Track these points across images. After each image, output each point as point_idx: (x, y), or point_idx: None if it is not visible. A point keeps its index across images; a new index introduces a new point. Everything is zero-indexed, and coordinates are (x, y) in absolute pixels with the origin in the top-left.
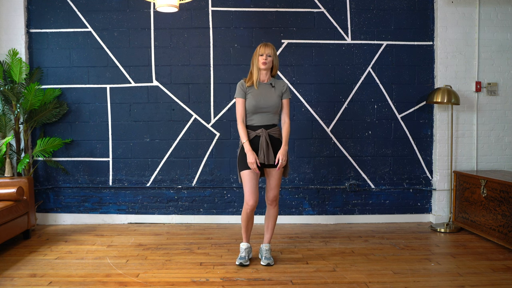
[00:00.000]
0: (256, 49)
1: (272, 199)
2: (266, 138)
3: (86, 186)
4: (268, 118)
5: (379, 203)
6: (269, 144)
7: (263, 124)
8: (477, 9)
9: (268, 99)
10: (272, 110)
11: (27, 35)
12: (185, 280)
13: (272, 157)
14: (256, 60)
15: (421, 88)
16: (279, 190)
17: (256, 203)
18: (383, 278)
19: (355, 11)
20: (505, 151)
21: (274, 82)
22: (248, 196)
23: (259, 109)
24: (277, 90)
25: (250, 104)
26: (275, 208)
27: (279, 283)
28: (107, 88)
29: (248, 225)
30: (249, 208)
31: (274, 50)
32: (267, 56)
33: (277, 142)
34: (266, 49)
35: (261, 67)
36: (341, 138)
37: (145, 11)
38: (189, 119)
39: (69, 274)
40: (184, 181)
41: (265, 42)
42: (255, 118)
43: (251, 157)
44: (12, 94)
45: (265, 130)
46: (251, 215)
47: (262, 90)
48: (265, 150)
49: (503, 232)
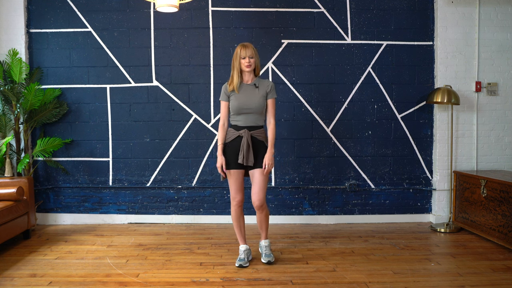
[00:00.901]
0: (236, 51)
1: (257, 204)
2: (248, 140)
3: (86, 186)
4: (252, 119)
5: (379, 203)
6: (250, 146)
7: (248, 125)
8: (477, 9)
9: (251, 100)
10: (256, 111)
11: (27, 35)
12: (185, 280)
13: (251, 158)
14: (237, 63)
15: (421, 88)
16: (264, 193)
17: (243, 198)
18: (383, 278)
19: (355, 11)
20: (505, 151)
21: (258, 82)
22: (234, 193)
23: (242, 110)
24: (261, 90)
25: (234, 105)
26: (262, 213)
27: (279, 283)
28: (107, 88)
29: (240, 223)
30: (236, 204)
31: (254, 50)
32: (249, 58)
33: (260, 145)
34: (247, 51)
35: (245, 70)
36: (341, 138)
37: (145, 11)
38: (189, 119)
39: (69, 274)
40: (184, 181)
41: (243, 43)
42: (240, 119)
43: (219, 161)
44: (12, 94)
45: (248, 131)
46: (240, 211)
47: (245, 91)
48: (245, 151)
49: (503, 232)
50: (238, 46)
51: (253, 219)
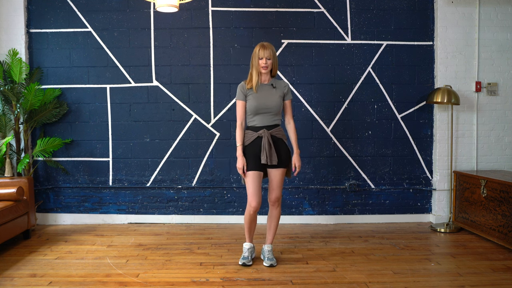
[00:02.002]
0: (255, 50)
1: (274, 200)
2: (269, 139)
3: (86, 186)
4: (269, 118)
5: (379, 203)
6: (271, 145)
7: (265, 124)
8: (477, 9)
9: (269, 100)
10: (273, 111)
11: (27, 35)
12: (185, 280)
13: (274, 157)
14: (255, 62)
15: (421, 88)
16: (281, 191)
17: (259, 204)
18: (383, 278)
19: (355, 11)
20: (505, 151)
21: (275, 82)
22: (251, 198)
23: (260, 110)
24: (279, 91)
25: (251, 105)
26: (277, 209)
27: (279, 283)
28: (107, 88)
29: (251, 226)
30: (252, 210)
31: (273, 51)
32: (267, 59)
33: (279, 142)
34: (265, 52)
35: (262, 71)
36: (341, 138)
37: (145, 11)
38: (189, 119)
39: (69, 274)
40: (184, 181)
41: (263, 43)
42: (256, 119)
43: (240, 162)
44: (12, 94)
45: (267, 130)
46: (254, 216)
47: (263, 91)
48: (268, 150)
49: (503, 232)
50: (257, 45)
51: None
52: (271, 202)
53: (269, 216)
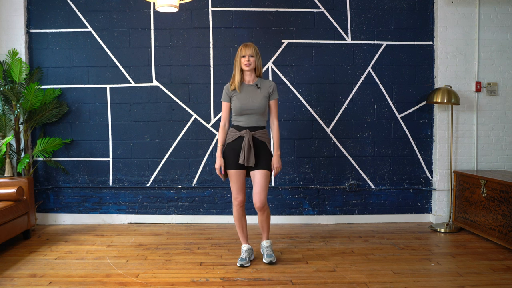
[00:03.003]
0: (238, 50)
1: (259, 205)
2: (249, 140)
3: (86, 186)
4: (254, 119)
5: (379, 203)
6: (251, 146)
7: (249, 125)
8: (477, 9)
9: (253, 101)
10: (258, 112)
11: (27, 35)
12: (185, 280)
13: (252, 159)
14: (238, 62)
15: (421, 88)
16: (265, 194)
17: (244, 198)
18: (383, 278)
19: (355, 11)
20: (505, 151)
21: (260, 82)
22: (236, 193)
23: (244, 111)
24: (263, 91)
25: (236, 106)
26: (264, 213)
27: (279, 283)
28: (107, 88)
29: (242, 223)
30: (238, 204)
31: (256, 49)
32: (249, 56)
33: (261, 145)
34: (247, 50)
35: (245, 69)
36: (341, 138)
37: (145, 11)
38: (189, 119)
39: (69, 274)
40: (184, 181)
41: (245, 43)
42: (242, 120)
43: (217, 163)
44: (12, 94)
45: (250, 131)
46: (241, 211)
47: (247, 92)
48: (246, 152)
49: (503, 232)
50: (240, 45)
51: (254, 219)
52: (256, 208)
53: (258, 220)
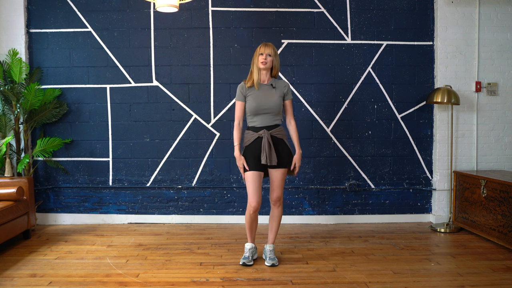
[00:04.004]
0: (257, 49)
1: (275, 199)
2: (269, 139)
3: (86, 186)
4: (270, 119)
5: (379, 203)
6: (271, 145)
7: (265, 125)
8: (477, 9)
9: (269, 100)
10: (273, 111)
11: (27, 35)
12: (185, 280)
13: (274, 158)
14: (256, 60)
15: (421, 88)
16: (282, 190)
17: (259, 204)
18: (383, 278)
19: (355, 11)
20: (505, 151)
21: (275, 82)
22: (251, 198)
23: (260, 110)
24: (278, 91)
25: (251, 105)
26: (279, 208)
27: (279, 283)
28: (107, 88)
29: (252, 226)
30: (252, 210)
31: (274, 50)
32: (267, 55)
33: (280, 143)
34: (266, 48)
35: (260, 67)
36: (341, 138)
37: (145, 11)
38: (189, 119)
39: (69, 274)
40: (184, 181)
41: (265, 42)
42: (257, 120)
43: (239, 162)
44: (12, 94)
45: (267, 131)
46: (254, 216)
47: (262, 91)
48: (268, 151)
49: (503, 232)
50: (261, 44)
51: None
52: (272, 201)
53: (270, 215)
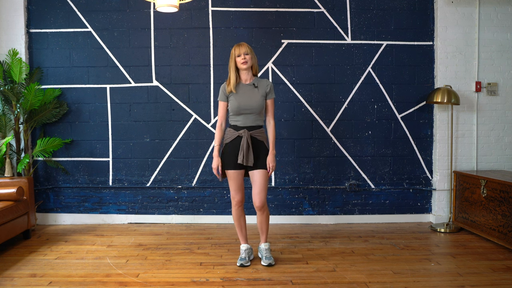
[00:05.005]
0: (231, 52)
1: (258, 205)
2: (248, 140)
3: (86, 186)
4: (252, 119)
5: (379, 203)
6: (249, 146)
7: (247, 125)
8: (477, 9)
9: (251, 100)
10: (255, 111)
11: (27, 35)
12: (185, 280)
13: (251, 159)
14: (232, 63)
15: (421, 88)
16: (265, 194)
17: (243, 198)
18: (383, 278)
19: (355, 11)
20: (505, 151)
21: (257, 82)
22: (234, 193)
23: (242, 110)
24: (261, 90)
25: (233, 105)
26: (264, 213)
27: (279, 283)
28: (107, 88)
29: (241, 222)
30: (236, 204)
31: (250, 48)
32: (244, 54)
33: (260, 145)
34: (241, 48)
35: (242, 67)
36: (341, 138)
37: (145, 11)
38: (189, 119)
39: (69, 274)
40: (184, 181)
41: (238, 43)
42: (239, 119)
43: (215, 162)
44: (12, 94)
45: (248, 131)
46: (240, 211)
47: (245, 92)
48: (245, 151)
49: (503, 232)
50: (233, 47)
51: (253, 219)
52: (256, 208)
53: (258, 221)
